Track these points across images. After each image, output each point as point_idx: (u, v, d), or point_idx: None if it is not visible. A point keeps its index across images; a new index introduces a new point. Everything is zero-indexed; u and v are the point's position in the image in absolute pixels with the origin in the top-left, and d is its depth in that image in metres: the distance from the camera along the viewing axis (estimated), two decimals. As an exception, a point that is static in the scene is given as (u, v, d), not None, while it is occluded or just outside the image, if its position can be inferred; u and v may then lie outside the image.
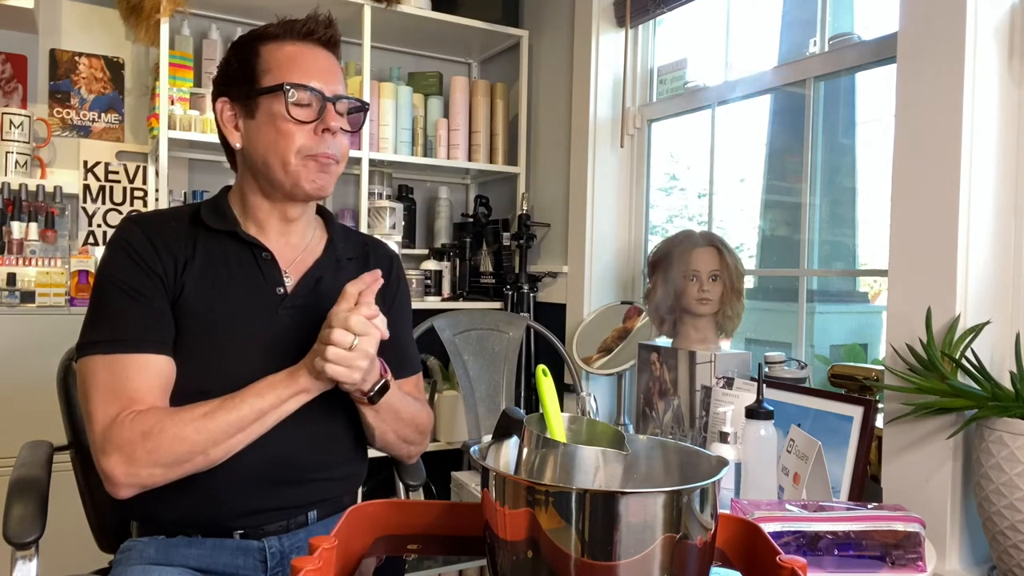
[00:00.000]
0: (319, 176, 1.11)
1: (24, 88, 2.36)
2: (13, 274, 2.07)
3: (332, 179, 1.13)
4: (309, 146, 1.09)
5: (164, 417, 0.99)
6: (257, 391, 1.02)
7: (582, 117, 2.42)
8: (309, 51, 1.12)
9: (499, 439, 0.79)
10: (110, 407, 0.99)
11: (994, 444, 1.23)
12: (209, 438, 0.99)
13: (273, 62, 1.10)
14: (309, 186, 1.11)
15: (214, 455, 1.00)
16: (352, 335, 0.99)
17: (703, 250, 1.84)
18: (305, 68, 1.10)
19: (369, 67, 2.44)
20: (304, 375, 1.03)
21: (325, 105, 1.10)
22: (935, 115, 1.39)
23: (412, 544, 0.84)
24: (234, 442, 1.01)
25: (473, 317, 2.32)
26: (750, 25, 2.14)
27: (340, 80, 1.14)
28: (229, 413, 1.00)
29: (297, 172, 1.09)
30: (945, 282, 1.37)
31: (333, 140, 1.11)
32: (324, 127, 1.09)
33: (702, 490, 0.64)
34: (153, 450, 0.97)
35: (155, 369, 1.03)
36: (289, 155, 1.09)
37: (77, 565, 1.34)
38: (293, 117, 1.08)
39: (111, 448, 0.98)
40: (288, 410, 1.04)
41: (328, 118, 1.09)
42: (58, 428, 1.32)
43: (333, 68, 1.13)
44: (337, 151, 1.12)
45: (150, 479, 0.99)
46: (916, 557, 1.10)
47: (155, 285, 1.05)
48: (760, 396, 1.34)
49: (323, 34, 1.13)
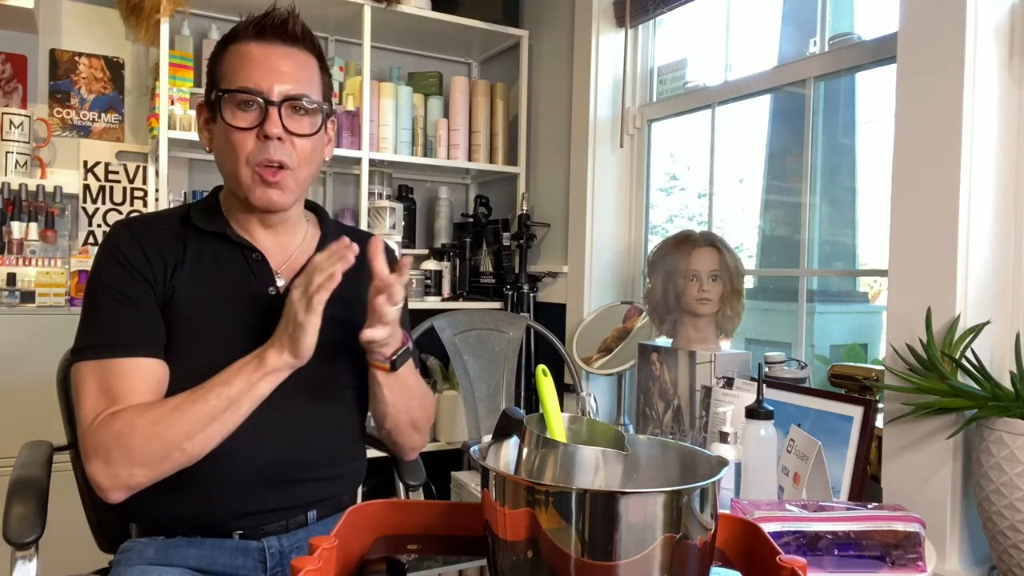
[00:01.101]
0: (265, 189, 1.05)
1: (24, 88, 2.36)
2: (13, 274, 2.07)
3: (285, 191, 1.06)
4: (255, 153, 1.04)
5: (135, 416, 0.97)
6: (224, 378, 0.99)
7: (582, 117, 2.42)
8: (260, 50, 1.05)
9: (499, 439, 0.79)
10: (91, 411, 0.99)
11: (994, 444, 1.23)
12: (181, 432, 0.97)
13: (229, 65, 1.06)
14: (256, 200, 1.06)
15: (192, 450, 0.98)
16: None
17: (703, 250, 1.84)
18: (251, 69, 1.04)
19: (369, 67, 2.44)
20: (273, 354, 0.99)
21: (267, 109, 1.03)
22: (935, 115, 1.39)
23: (412, 544, 0.84)
24: (210, 433, 0.98)
25: (473, 317, 2.32)
26: (750, 25, 2.14)
27: (297, 78, 1.05)
28: (198, 403, 0.97)
29: (247, 185, 1.05)
30: (945, 282, 1.37)
31: (281, 146, 1.04)
32: (264, 134, 1.03)
33: (702, 490, 0.64)
34: (128, 450, 0.96)
35: (146, 372, 1.02)
36: (237, 165, 1.04)
37: (77, 565, 1.34)
38: (231, 124, 1.03)
39: (91, 452, 0.97)
40: (261, 394, 1.00)
41: (268, 124, 1.03)
42: (58, 428, 1.32)
43: (287, 66, 1.05)
44: (286, 157, 1.04)
45: (132, 479, 0.97)
46: (916, 557, 1.10)
47: (144, 290, 1.04)
48: (760, 396, 1.34)
49: (278, 29, 1.05)
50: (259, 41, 1.06)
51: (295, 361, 1.01)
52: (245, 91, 1.03)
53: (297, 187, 1.09)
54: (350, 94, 2.46)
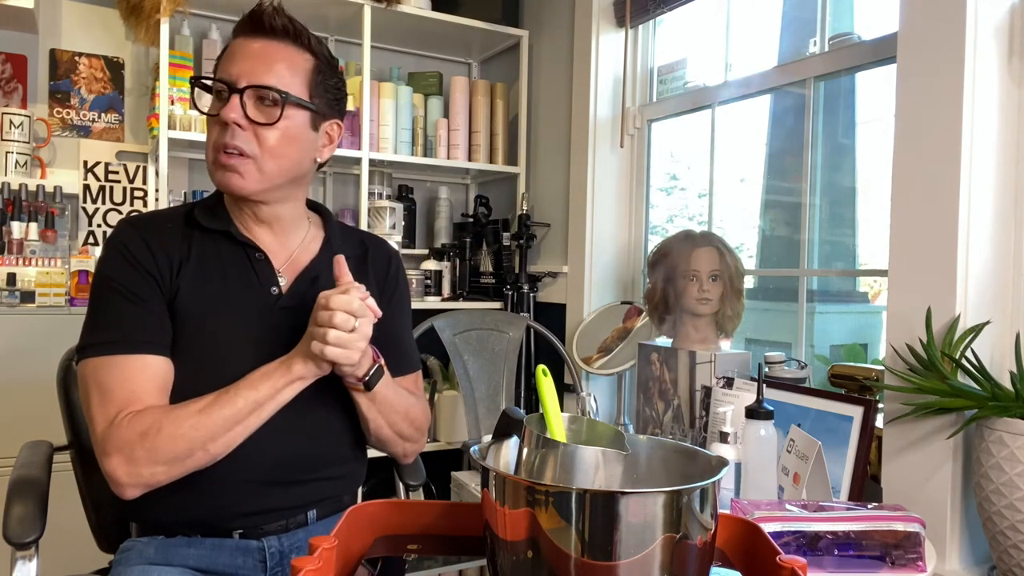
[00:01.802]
0: (224, 173, 1.06)
1: (24, 88, 2.36)
2: (13, 274, 2.07)
3: (245, 176, 1.06)
4: (217, 139, 1.06)
5: (161, 416, 0.99)
6: (251, 383, 1.02)
7: (582, 117, 2.42)
8: (241, 43, 1.08)
9: (499, 439, 0.79)
10: (109, 409, 1.00)
11: (994, 444, 1.23)
12: (207, 434, 0.99)
13: (219, 60, 1.10)
14: (217, 183, 1.09)
15: (214, 450, 1.00)
16: (354, 318, 1.00)
17: (703, 250, 1.84)
18: (227, 61, 1.07)
19: (369, 67, 2.44)
20: (299, 362, 1.03)
21: (230, 95, 1.04)
22: (935, 115, 1.39)
23: (412, 544, 0.84)
24: (233, 435, 1.01)
25: (473, 317, 2.32)
26: (750, 25, 2.14)
27: (269, 69, 1.05)
28: (225, 408, 1.00)
29: (211, 169, 1.08)
30: (945, 282, 1.37)
31: (240, 132, 1.04)
32: (222, 118, 1.04)
33: (702, 490, 0.64)
34: (152, 449, 0.97)
35: (153, 370, 1.03)
36: (208, 150, 1.08)
37: (77, 565, 1.34)
38: (200, 110, 1.09)
39: (111, 449, 0.98)
40: (284, 399, 1.03)
41: (224, 109, 1.04)
42: (58, 428, 1.32)
43: (263, 57, 1.06)
44: (244, 144, 1.05)
45: (153, 478, 0.99)
46: (916, 557, 1.10)
47: (151, 287, 1.05)
48: (760, 396, 1.34)
49: (259, 23, 1.07)
50: (244, 36, 1.09)
51: (319, 371, 1.04)
52: (212, 78, 1.08)
53: (262, 177, 1.07)
54: (350, 94, 2.46)
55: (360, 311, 1.00)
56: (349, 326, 0.99)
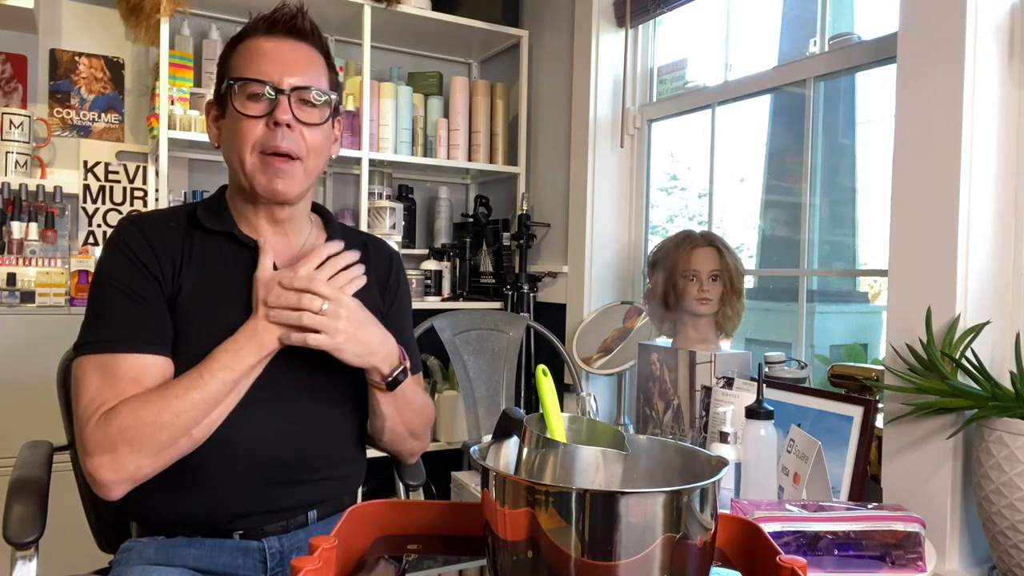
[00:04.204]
0: (271, 178, 1.07)
1: (24, 88, 2.36)
2: (13, 274, 2.07)
3: (292, 180, 1.08)
4: (262, 141, 1.06)
5: (137, 408, 0.97)
6: (224, 362, 1.01)
7: (582, 117, 2.42)
8: (271, 44, 1.08)
9: (499, 439, 0.79)
10: (92, 406, 0.99)
11: (994, 444, 1.23)
12: (188, 420, 0.98)
13: (239, 59, 1.09)
14: (261, 188, 1.08)
15: (197, 434, 1.00)
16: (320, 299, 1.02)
17: (703, 250, 1.84)
18: (261, 61, 1.07)
19: (369, 67, 2.44)
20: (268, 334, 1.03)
21: (277, 97, 1.06)
22: (935, 115, 1.39)
23: (412, 544, 0.84)
24: (214, 416, 1.01)
25: (473, 317, 2.32)
26: (750, 25, 2.14)
27: (306, 70, 1.08)
28: (203, 390, 0.99)
29: (252, 172, 1.07)
30: (945, 282, 1.37)
31: (289, 134, 1.06)
32: (274, 120, 1.05)
33: (702, 490, 0.64)
34: (135, 442, 0.96)
35: (153, 370, 1.02)
36: (244, 151, 1.06)
37: (77, 565, 1.34)
38: (241, 111, 1.06)
39: (93, 449, 0.97)
40: (258, 372, 1.04)
41: (277, 111, 1.05)
42: (58, 428, 1.32)
43: (296, 59, 1.08)
44: (294, 146, 1.07)
45: (139, 471, 0.98)
46: (916, 557, 1.10)
47: (152, 286, 1.05)
48: (760, 396, 1.34)
49: (287, 25, 1.09)
50: (269, 36, 1.09)
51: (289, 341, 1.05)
52: (256, 80, 1.06)
53: (305, 178, 1.10)
54: (350, 94, 2.46)
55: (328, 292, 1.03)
56: (316, 307, 1.02)
